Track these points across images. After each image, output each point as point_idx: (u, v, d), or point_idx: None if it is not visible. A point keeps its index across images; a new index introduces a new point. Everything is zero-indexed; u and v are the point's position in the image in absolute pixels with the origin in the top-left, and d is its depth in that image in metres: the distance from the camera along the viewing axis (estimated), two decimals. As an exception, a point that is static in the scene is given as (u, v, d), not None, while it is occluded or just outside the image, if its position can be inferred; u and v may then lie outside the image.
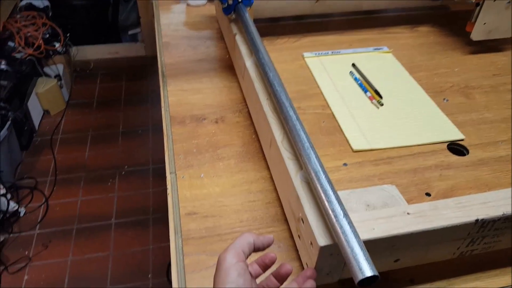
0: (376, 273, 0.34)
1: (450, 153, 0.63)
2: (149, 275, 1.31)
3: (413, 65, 0.82)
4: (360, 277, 0.34)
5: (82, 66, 2.21)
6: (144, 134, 1.84)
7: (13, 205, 1.42)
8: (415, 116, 0.69)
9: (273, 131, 0.53)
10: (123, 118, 1.92)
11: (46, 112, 1.90)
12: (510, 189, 0.45)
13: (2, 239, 1.37)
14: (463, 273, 0.50)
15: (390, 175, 0.59)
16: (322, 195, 0.40)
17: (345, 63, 0.81)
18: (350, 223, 0.37)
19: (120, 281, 1.30)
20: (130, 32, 2.27)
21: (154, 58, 2.44)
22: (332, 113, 0.69)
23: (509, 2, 0.77)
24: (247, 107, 0.71)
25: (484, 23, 0.80)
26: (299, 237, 0.46)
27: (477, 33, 0.81)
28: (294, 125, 0.48)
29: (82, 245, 1.40)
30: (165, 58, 0.83)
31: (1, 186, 1.38)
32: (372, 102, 0.72)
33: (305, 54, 0.83)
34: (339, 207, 0.39)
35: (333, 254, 0.40)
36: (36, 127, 1.82)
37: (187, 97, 0.73)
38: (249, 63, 0.65)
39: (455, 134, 0.66)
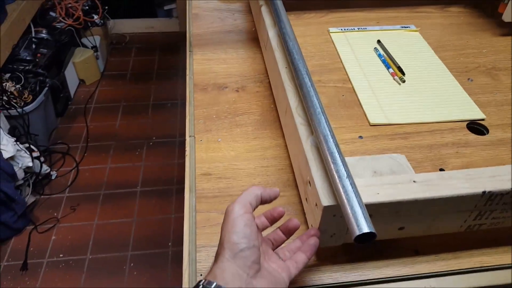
0: (373, 230, 0.35)
1: (469, 132, 0.63)
2: (169, 243, 1.37)
3: (439, 44, 0.80)
4: (357, 232, 0.35)
5: (118, 39, 2.28)
6: (172, 107, 1.89)
7: (45, 168, 1.50)
8: (436, 94, 0.69)
9: (288, 98, 0.54)
10: (154, 91, 1.98)
11: (81, 82, 1.98)
12: (520, 164, 0.45)
13: (33, 199, 1.45)
14: (470, 247, 0.50)
15: (405, 149, 0.60)
16: (328, 156, 0.42)
17: (370, 39, 0.81)
18: (352, 184, 0.39)
19: (141, 247, 1.36)
20: (165, 8, 2.31)
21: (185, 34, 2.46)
22: (353, 87, 0.70)
23: (547, -19, 0.75)
24: (268, 78, 0.72)
25: (519, 4, 0.77)
26: (306, 200, 0.48)
27: (508, 14, 0.79)
28: (308, 91, 0.49)
29: (108, 210, 1.47)
30: (194, 29, 0.86)
31: (36, 149, 1.46)
32: (394, 79, 0.72)
33: (331, 29, 0.83)
34: (343, 169, 0.40)
35: (336, 216, 0.42)
36: (72, 95, 1.90)
37: (212, 66, 0.76)
38: (271, 33, 0.66)
39: (476, 113, 0.65)
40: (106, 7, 2.03)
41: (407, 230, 0.46)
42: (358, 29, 0.84)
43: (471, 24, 0.87)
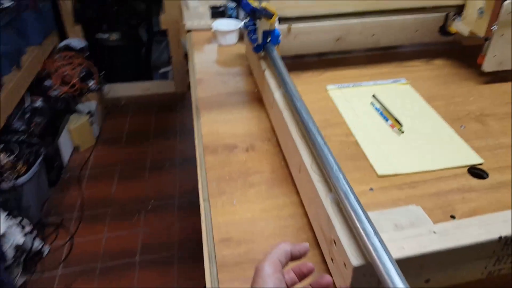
0: (408, 287, 0.37)
1: (471, 177, 0.66)
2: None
3: (430, 95, 0.86)
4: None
5: (113, 102, 2.33)
6: (170, 167, 1.91)
7: (37, 244, 1.43)
8: (435, 142, 0.73)
9: (302, 156, 0.57)
10: (151, 152, 2.00)
11: (76, 148, 1.99)
12: (530, 207, 0.48)
13: (24, 280, 1.37)
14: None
15: (415, 199, 0.62)
16: (352, 214, 0.44)
17: (366, 94, 0.86)
18: (381, 241, 0.41)
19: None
20: (161, 71, 2.40)
21: (183, 94, 2.57)
22: (356, 140, 0.74)
23: (520, 35, 0.82)
24: (276, 136, 0.76)
25: (494, 55, 0.84)
26: (332, 261, 0.49)
27: (489, 65, 0.86)
28: (322, 149, 0.52)
29: (105, 286, 1.40)
30: (199, 93, 0.90)
31: (28, 224, 1.41)
32: (393, 130, 0.76)
33: (328, 87, 0.88)
34: (369, 226, 0.42)
35: (367, 275, 0.43)
36: (65, 162, 1.90)
37: (219, 128, 0.79)
38: (277, 94, 0.70)
39: (474, 158, 0.69)
40: (102, 73, 2.09)
41: (433, 281, 0.47)
42: (353, 85, 0.89)
43: (455, 75, 0.93)
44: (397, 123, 0.77)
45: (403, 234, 0.45)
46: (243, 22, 1.11)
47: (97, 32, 2.25)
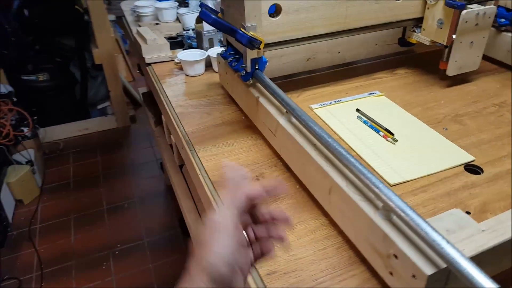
0: (499, 286, 0.39)
1: (469, 174, 0.72)
2: None
3: (405, 103, 0.92)
4: (486, 291, 0.39)
5: (51, 147, 2.16)
6: (130, 207, 1.80)
7: None
8: (427, 146, 0.78)
9: (333, 178, 0.58)
10: (105, 194, 1.87)
11: (19, 202, 1.80)
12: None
13: None
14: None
15: (430, 201, 0.66)
16: (417, 227, 0.45)
17: (349, 109, 0.90)
18: (453, 246, 0.43)
19: None
20: (99, 107, 2.28)
21: (127, 128, 2.45)
22: (358, 154, 0.76)
23: (471, 42, 0.92)
24: (281, 161, 0.76)
25: (456, 61, 0.93)
26: (391, 274, 0.50)
27: (451, 70, 0.95)
28: (361, 170, 0.53)
29: None
30: (185, 127, 0.87)
31: None
32: (387, 140, 0.80)
33: (313, 106, 0.91)
34: (438, 234, 0.44)
35: (438, 280, 0.45)
36: (10, 220, 1.71)
37: (222, 160, 0.77)
38: (282, 121, 0.71)
39: (466, 157, 0.75)
40: (35, 117, 1.93)
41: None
42: (334, 102, 0.93)
43: (420, 82, 1.01)
44: (389, 133, 0.81)
45: (457, 237, 0.48)
46: (214, 51, 1.10)
47: (22, 74, 2.08)
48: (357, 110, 0.89)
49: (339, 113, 0.89)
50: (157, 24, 1.37)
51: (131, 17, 1.47)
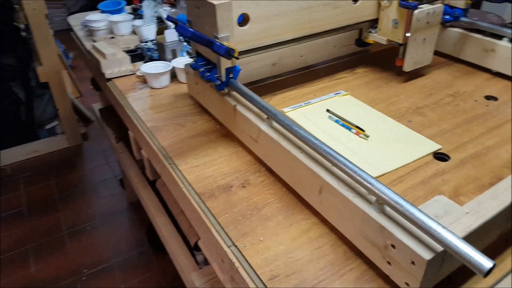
0: (494, 262, 0.43)
1: (438, 161, 0.78)
2: None
3: (369, 100, 0.97)
4: (486, 268, 0.42)
5: (-1, 175, 2.01)
6: (93, 229, 1.73)
7: None
8: (397, 139, 0.83)
9: (324, 178, 0.60)
10: (64, 218, 1.78)
11: (-32, 236, 1.66)
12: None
13: None
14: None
15: (409, 190, 0.70)
16: (414, 216, 0.48)
17: (319, 110, 0.93)
18: (449, 231, 0.46)
19: None
20: (47, 127, 2.16)
21: (79, 147, 2.34)
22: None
23: (424, 39, 0.99)
24: (264, 166, 0.77)
25: (411, 57, 1.00)
26: (389, 263, 0.53)
27: (408, 65, 1.01)
28: (352, 167, 0.56)
29: None
30: (160, 141, 0.86)
31: None
32: (359, 137, 0.84)
33: (285, 110, 0.93)
34: (432, 221, 0.47)
35: (435, 264, 0.48)
36: (-40, 256, 1.58)
37: (204, 171, 0.77)
38: (264, 127, 0.72)
39: (433, 146, 0.81)
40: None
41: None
42: (304, 104, 0.96)
43: (380, 79, 1.07)
44: (360, 130, 0.85)
45: (446, 221, 0.51)
46: (179, 62, 1.09)
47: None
48: (327, 110, 0.93)
49: (311, 114, 0.92)
50: (112, 38, 1.33)
51: (82, 32, 1.41)
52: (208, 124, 0.91)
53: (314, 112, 0.93)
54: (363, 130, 0.85)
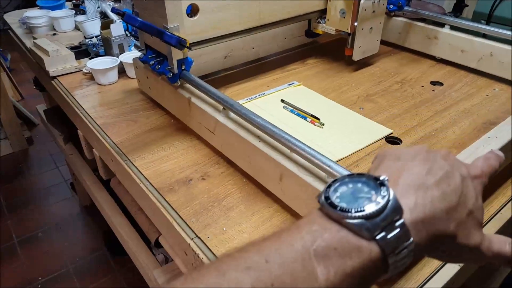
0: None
1: (391, 145, 0.81)
2: None
3: (322, 90, 0.99)
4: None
5: None
6: (46, 235, 1.64)
7: None
8: (350, 126, 0.85)
9: (284, 165, 0.60)
10: (14, 227, 1.67)
11: None
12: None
13: None
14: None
15: (364, 174, 0.73)
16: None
17: (274, 101, 0.94)
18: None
19: None
20: (-13, 133, 2.01)
21: (24, 152, 2.22)
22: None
23: (371, 28, 1.02)
24: (223, 158, 0.76)
25: (359, 46, 1.03)
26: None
27: (357, 55, 1.04)
28: (311, 152, 0.57)
29: None
30: (112, 138, 0.82)
31: None
32: (315, 125, 0.86)
33: (240, 102, 0.93)
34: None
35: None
36: None
37: (161, 166, 0.75)
38: (221, 118, 0.71)
39: (385, 130, 0.84)
40: None
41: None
42: (259, 95, 0.96)
43: (330, 69, 1.10)
44: (315, 119, 0.87)
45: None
46: (127, 57, 1.06)
47: None
48: (282, 100, 0.94)
49: (266, 105, 0.93)
50: (54, 34, 1.26)
51: (21, 30, 1.33)
52: (162, 119, 0.89)
53: (269, 103, 0.94)
54: (318, 119, 0.87)
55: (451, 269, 0.56)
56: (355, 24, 0.98)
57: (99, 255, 1.59)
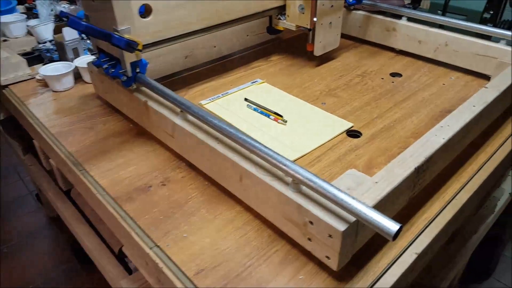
0: (400, 224, 0.45)
1: (351, 138, 0.81)
2: None
3: (285, 86, 0.99)
4: (393, 231, 0.44)
5: None
6: (12, 250, 1.57)
7: None
8: (313, 121, 0.85)
9: (242, 166, 0.59)
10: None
11: None
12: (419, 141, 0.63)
13: None
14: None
15: (326, 168, 0.72)
16: (325, 191, 0.49)
17: (238, 99, 0.93)
18: (357, 199, 0.48)
19: None
20: None
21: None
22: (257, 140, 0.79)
23: (330, 22, 1.02)
24: (184, 162, 0.74)
25: (320, 41, 1.03)
26: (310, 240, 0.54)
27: (318, 50, 1.04)
28: (267, 152, 0.56)
29: None
30: (67, 147, 0.79)
31: None
32: (278, 122, 0.85)
33: (202, 102, 0.91)
34: (342, 193, 0.48)
35: (350, 234, 0.50)
36: None
37: (119, 174, 0.72)
38: (179, 121, 0.69)
39: (346, 124, 0.84)
40: None
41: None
42: (222, 95, 0.94)
43: (293, 65, 1.09)
44: (278, 116, 0.86)
45: (358, 192, 0.53)
46: (82, 61, 1.02)
47: None
48: (246, 99, 0.92)
49: (229, 105, 0.91)
50: (5, 40, 1.20)
51: (-32, 36, 1.26)
52: (120, 124, 0.86)
53: (233, 102, 0.92)
54: (281, 116, 0.86)
55: (409, 257, 0.57)
56: (315, 19, 0.98)
57: (69, 266, 1.54)
